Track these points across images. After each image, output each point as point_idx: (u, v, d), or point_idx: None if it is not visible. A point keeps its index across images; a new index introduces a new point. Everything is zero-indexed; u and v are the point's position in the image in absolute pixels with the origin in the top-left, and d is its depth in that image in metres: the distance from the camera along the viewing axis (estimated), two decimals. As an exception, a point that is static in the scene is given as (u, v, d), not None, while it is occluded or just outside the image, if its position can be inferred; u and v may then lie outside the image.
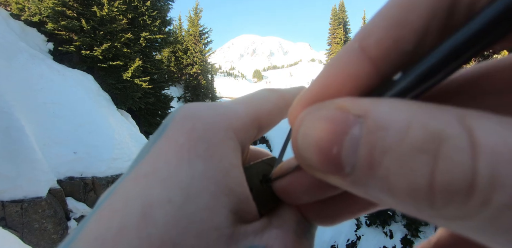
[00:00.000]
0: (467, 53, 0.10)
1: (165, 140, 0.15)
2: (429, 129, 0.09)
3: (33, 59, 5.80)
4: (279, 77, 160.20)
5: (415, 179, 0.09)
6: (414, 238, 8.73)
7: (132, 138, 6.57)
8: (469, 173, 0.08)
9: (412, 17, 0.11)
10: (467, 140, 0.08)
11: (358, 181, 0.10)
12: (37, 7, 7.05)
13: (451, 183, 0.08)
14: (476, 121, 0.09)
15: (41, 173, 3.93)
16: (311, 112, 0.12)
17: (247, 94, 0.20)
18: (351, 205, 0.18)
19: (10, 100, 4.29)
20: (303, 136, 0.12)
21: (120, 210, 0.13)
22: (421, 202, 0.09)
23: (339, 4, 21.25)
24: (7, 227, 3.46)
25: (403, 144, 0.09)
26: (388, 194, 0.10)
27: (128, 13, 8.53)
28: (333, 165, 0.11)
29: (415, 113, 0.09)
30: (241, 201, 0.15)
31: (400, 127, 0.09)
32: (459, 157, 0.08)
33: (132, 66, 8.12)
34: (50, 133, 4.76)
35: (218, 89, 31.43)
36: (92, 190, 4.84)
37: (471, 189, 0.08)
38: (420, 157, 0.09)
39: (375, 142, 0.10)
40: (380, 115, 0.10)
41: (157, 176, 0.14)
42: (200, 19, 17.10)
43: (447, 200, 0.08)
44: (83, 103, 5.91)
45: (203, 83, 16.73)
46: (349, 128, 0.10)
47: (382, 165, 0.09)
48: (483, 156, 0.08)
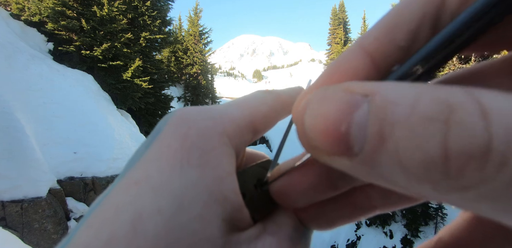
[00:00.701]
0: (454, 44, 0.11)
1: (159, 146, 0.15)
2: (438, 100, 0.09)
3: (33, 59, 5.80)
4: (279, 77, 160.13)
5: (428, 148, 0.09)
6: (414, 238, 8.72)
7: (132, 138, 6.57)
8: (484, 136, 0.08)
9: (403, 21, 0.12)
10: (477, 106, 0.08)
11: (368, 160, 0.10)
12: (37, 7, 7.05)
13: (466, 148, 0.08)
14: (482, 92, 0.09)
15: (41, 173, 3.93)
16: (318, 94, 0.12)
17: (243, 96, 0.20)
18: (349, 209, 0.18)
19: (10, 100, 4.29)
20: (310, 116, 0.12)
21: (110, 219, 0.13)
22: (435, 173, 0.09)
23: (339, 4, 21.25)
24: (7, 227, 3.46)
25: (414, 115, 0.09)
26: (400, 169, 0.09)
27: (128, 13, 8.53)
28: (342, 144, 0.11)
29: (423, 88, 0.10)
30: (234, 209, 0.15)
31: (409, 100, 0.09)
32: (472, 121, 0.08)
33: (132, 66, 8.12)
34: (50, 133, 4.76)
35: (218, 89, 31.44)
36: (92, 190, 4.84)
37: (488, 152, 0.08)
38: (431, 125, 0.09)
39: (385, 116, 0.10)
40: (388, 91, 0.10)
41: (149, 184, 0.13)
42: (200, 19, 17.10)
43: (463, 166, 0.08)
44: (83, 103, 5.91)
45: (203, 83, 16.73)
46: (357, 106, 0.10)
47: (393, 138, 0.09)
48: (495, 119, 0.08)
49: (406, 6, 0.13)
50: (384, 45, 0.13)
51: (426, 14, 0.12)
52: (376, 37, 0.13)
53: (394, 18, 0.13)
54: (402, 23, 0.13)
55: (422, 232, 8.71)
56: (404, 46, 0.13)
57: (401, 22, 0.13)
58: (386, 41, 0.13)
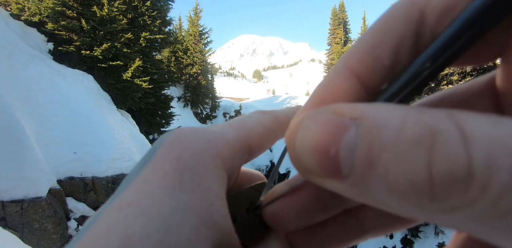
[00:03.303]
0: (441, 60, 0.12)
1: (152, 167, 0.15)
2: (422, 125, 0.09)
3: (33, 59, 5.80)
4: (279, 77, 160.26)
5: (414, 172, 0.09)
6: (414, 238, 8.72)
7: (132, 138, 6.57)
8: (465, 161, 0.08)
9: (384, 40, 0.13)
10: (457, 132, 0.09)
11: (357, 183, 0.10)
12: (37, 7, 7.05)
13: (449, 173, 0.08)
14: (463, 115, 0.09)
15: (41, 173, 3.93)
16: (308, 117, 0.13)
17: (239, 116, 0.20)
18: (340, 233, 0.18)
19: (10, 100, 4.29)
20: (300, 139, 0.12)
21: (100, 241, 0.13)
22: (421, 196, 0.09)
23: (339, 4, 21.26)
24: (7, 227, 3.46)
25: (400, 140, 0.09)
26: (388, 192, 0.10)
27: (128, 13, 8.53)
28: (332, 167, 0.11)
29: (408, 112, 0.10)
30: (223, 234, 0.15)
31: (396, 124, 0.10)
32: (453, 147, 0.09)
33: (132, 66, 8.11)
34: (50, 133, 4.76)
35: (218, 89, 31.42)
36: (92, 190, 4.84)
37: (470, 176, 0.08)
38: (416, 151, 0.09)
39: (372, 141, 0.10)
40: (375, 115, 0.10)
41: (140, 207, 0.13)
42: (200, 19, 17.11)
43: (448, 190, 0.09)
44: (83, 103, 5.91)
45: (203, 83, 16.73)
46: (346, 129, 0.11)
47: (381, 162, 0.10)
48: (475, 144, 0.08)
49: (386, 24, 0.13)
50: (369, 65, 0.13)
51: (407, 31, 0.13)
52: (360, 57, 0.14)
53: (375, 37, 0.13)
54: (384, 42, 0.13)
55: (422, 232, 8.71)
56: (389, 65, 0.13)
57: (383, 41, 0.13)
58: (371, 61, 0.13)
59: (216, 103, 19.19)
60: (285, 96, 29.08)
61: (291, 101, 25.87)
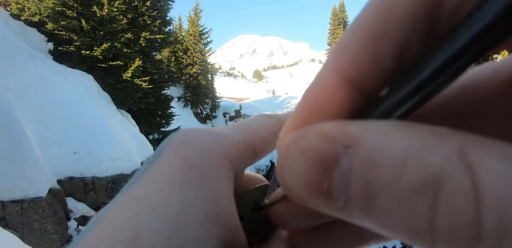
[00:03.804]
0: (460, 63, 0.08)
1: (160, 165, 0.15)
2: (427, 168, 0.08)
3: (33, 59, 5.80)
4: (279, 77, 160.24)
5: (415, 220, 0.08)
6: (414, 238, 8.71)
7: (132, 138, 6.57)
8: (473, 220, 0.07)
9: (387, 29, 0.09)
10: (469, 184, 0.07)
11: (352, 215, 0.10)
12: (37, 7, 7.05)
13: (454, 229, 0.08)
14: (477, 156, 0.08)
15: (41, 173, 3.93)
16: (295, 143, 0.11)
17: (244, 120, 0.20)
18: (346, 236, 0.18)
19: (10, 100, 4.29)
20: (289, 170, 0.11)
21: (108, 237, 0.13)
22: (421, 242, 0.08)
23: (339, 4, 21.26)
24: (7, 227, 3.46)
25: (400, 183, 0.08)
26: (386, 230, 0.09)
27: (128, 13, 8.53)
28: (325, 199, 0.10)
29: (410, 144, 0.08)
30: (230, 231, 0.15)
31: (396, 163, 0.08)
32: (462, 202, 0.07)
33: (132, 66, 8.11)
34: (50, 133, 4.76)
35: (218, 89, 31.42)
36: (92, 190, 4.84)
37: (477, 237, 0.07)
38: (419, 198, 0.08)
39: (369, 179, 0.09)
40: (371, 147, 0.09)
41: (148, 203, 0.13)
42: (200, 19, 17.11)
43: (451, 244, 0.08)
44: (83, 103, 5.91)
45: (203, 83, 16.73)
46: (338, 160, 0.10)
47: (379, 203, 0.09)
48: (487, 201, 0.07)
49: (387, 5, 0.09)
50: (364, 68, 0.10)
51: (417, 15, 0.09)
52: (354, 56, 0.10)
53: (373, 25, 0.10)
54: (386, 33, 0.10)
55: (422, 232, 8.69)
56: (391, 66, 0.10)
57: (384, 31, 0.10)
58: (367, 63, 0.10)
59: (216, 103, 19.20)
60: (285, 96, 29.09)
61: (291, 101, 25.87)
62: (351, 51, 0.10)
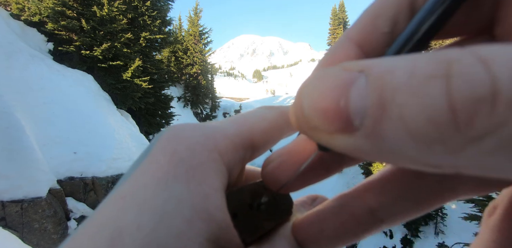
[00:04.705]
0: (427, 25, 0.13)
1: (148, 161, 0.15)
2: (435, 59, 0.09)
3: (33, 59, 5.80)
4: (279, 77, 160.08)
5: (432, 104, 0.08)
6: (414, 238, 8.72)
7: (132, 138, 6.57)
8: (488, 79, 0.08)
9: (383, 11, 0.14)
10: (474, 56, 0.08)
11: (371, 132, 0.10)
12: (37, 7, 7.04)
13: (471, 94, 0.08)
14: (476, 46, 0.09)
15: (41, 173, 3.93)
16: (315, 76, 0.12)
17: (243, 112, 0.19)
18: (352, 223, 0.17)
19: (10, 100, 4.29)
20: (307, 96, 0.11)
21: (91, 234, 0.13)
22: (445, 130, 0.08)
23: (339, 4, 21.27)
24: (7, 227, 3.46)
25: (413, 77, 0.09)
26: (407, 135, 0.09)
27: (128, 13, 8.53)
28: (342, 119, 0.10)
29: (417, 55, 0.09)
30: (220, 228, 0.14)
31: (407, 65, 0.09)
32: (472, 69, 0.08)
33: (132, 66, 8.11)
34: (50, 133, 4.76)
35: (218, 89, 31.37)
36: (92, 190, 4.84)
37: (495, 93, 0.08)
38: (432, 82, 0.08)
39: (383, 85, 0.09)
40: (383, 63, 0.10)
41: (133, 199, 0.13)
42: (200, 19, 17.10)
43: (472, 114, 0.08)
44: (83, 103, 5.91)
45: (203, 83, 16.73)
46: (354, 80, 0.10)
47: (395, 104, 0.09)
48: (495, 64, 0.08)
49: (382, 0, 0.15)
50: (369, 33, 0.15)
51: (403, 2, 0.14)
52: (360, 27, 0.15)
53: (374, 10, 0.15)
54: (382, 12, 0.14)
55: (422, 232, 8.71)
56: (388, 32, 0.14)
57: (381, 12, 0.14)
58: (370, 30, 0.15)
59: (216, 103, 19.19)
60: (285, 96, 29.05)
61: (291, 101, 25.83)
62: (358, 25, 0.15)
